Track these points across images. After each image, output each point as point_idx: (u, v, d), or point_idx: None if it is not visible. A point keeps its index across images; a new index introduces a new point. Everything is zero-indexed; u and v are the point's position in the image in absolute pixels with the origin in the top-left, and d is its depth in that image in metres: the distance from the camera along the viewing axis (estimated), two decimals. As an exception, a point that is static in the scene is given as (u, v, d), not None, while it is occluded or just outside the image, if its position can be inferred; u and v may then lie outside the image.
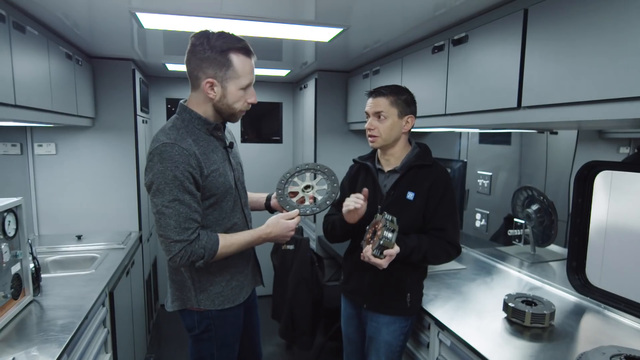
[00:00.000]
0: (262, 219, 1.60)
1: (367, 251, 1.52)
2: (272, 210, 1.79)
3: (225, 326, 1.57)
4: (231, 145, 1.60)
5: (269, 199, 1.79)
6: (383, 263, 1.51)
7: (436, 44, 2.01)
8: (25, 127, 2.74)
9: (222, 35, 1.40)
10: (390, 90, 1.66)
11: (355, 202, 1.56)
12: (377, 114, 1.66)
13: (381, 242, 1.47)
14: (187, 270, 1.50)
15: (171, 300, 1.57)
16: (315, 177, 1.71)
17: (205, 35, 1.39)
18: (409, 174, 1.68)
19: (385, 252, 1.49)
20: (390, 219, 1.50)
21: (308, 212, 1.60)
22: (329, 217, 1.85)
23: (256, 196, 1.81)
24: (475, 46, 1.75)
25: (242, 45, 1.41)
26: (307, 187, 1.68)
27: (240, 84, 1.43)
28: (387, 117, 1.65)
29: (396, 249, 1.51)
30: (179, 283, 1.53)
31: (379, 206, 1.68)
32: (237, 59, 1.40)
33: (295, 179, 1.70)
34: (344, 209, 1.60)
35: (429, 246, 1.61)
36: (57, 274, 2.26)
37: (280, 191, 1.67)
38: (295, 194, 1.67)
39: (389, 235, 1.47)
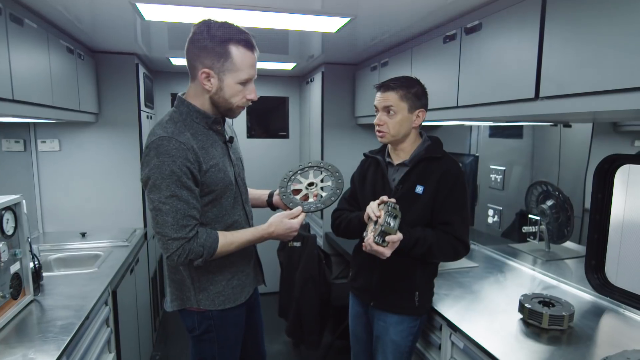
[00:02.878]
0: (264, 216, 1.55)
1: (369, 239, 1.45)
2: (275, 208, 1.73)
3: (226, 327, 1.52)
4: (231, 139, 1.54)
5: (271, 196, 1.73)
6: (385, 251, 1.43)
7: (448, 33, 1.93)
8: (28, 123, 2.71)
9: (224, 25, 1.33)
10: (400, 84, 1.58)
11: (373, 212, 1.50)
12: (387, 109, 1.59)
13: (382, 227, 1.40)
14: (186, 269, 1.45)
15: (170, 300, 1.52)
16: (321, 174, 1.66)
17: (206, 24, 1.32)
18: (419, 167, 1.61)
19: (388, 238, 1.42)
20: (392, 205, 1.44)
21: (312, 208, 1.55)
22: (340, 213, 1.79)
23: (258, 193, 1.76)
24: (489, 34, 1.67)
25: (243, 37, 1.34)
26: (310, 184, 1.63)
27: (239, 78, 1.36)
28: (397, 112, 1.58)
29: (399, 235, 1.44)
30: (177, 282, 1.48)
31: None
32: (236, 51, 1.33)
33: (299, 177, 1.65)
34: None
35: (435, 239, 1.54)
36: (60, 272, 2.23)
37: (282, 189, 1.61)
38: (298, 191, 1.62)
39: (391, 221, 1.41)
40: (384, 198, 1.51)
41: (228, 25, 1.34)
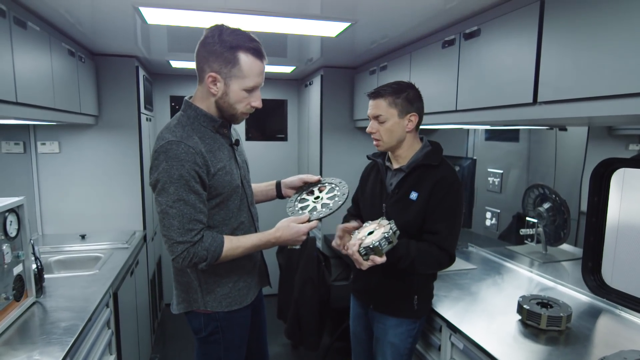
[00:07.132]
0: (269, 217, 1.56)
1: (354, 245, 1.47)
2: (284, 198, 1.75)
3: (233, 328, 1.53)
4: (237, 142, 1.56)
5: (278, 185, 1.75)
6: (364, 264, 1.46)
7: (447, 39, 1.96)
8: (28, 125, 2.71)
9: (236, 32, 1.35)
10: (391, 90, 1.58)
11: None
12: (377, 117, 1.61)
13: (372, 245, 1.42)
14: (193, 272, 1.47)
15: (177, 302, 1.53)
16: (326, 188, 1.69)
17: (219, 28, 1.35)
18: (415, 173, 1.61)
19: (372, 257, 1.44)
20: (394, 230, 1.45)
21: (321, 215, 1.55)
22: (349, 217, 1.85)
23: (263, 187, 1.77)
24: (488, 40, 1.70)
25: (253, 46, 1.36)
26: (317, 198, 1.65)
27: (245, 85, 1.38)
28: (387, 120, 1.59)
29: (383, 259, 1.45)
30: (184, 284, 1.49)
31: (383, 204, 1.64)
32: (245, 58, 1.35)
33: (304, 196, 1.69)
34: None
35: (417, 254, 1.52)
36: (61, 274, 2.23)
37: (290, 209, 1.64)
38: (306, 207, 1.64)
39: (385, 245, 1.42)
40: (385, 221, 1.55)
41: (240, 32, 1.36)
